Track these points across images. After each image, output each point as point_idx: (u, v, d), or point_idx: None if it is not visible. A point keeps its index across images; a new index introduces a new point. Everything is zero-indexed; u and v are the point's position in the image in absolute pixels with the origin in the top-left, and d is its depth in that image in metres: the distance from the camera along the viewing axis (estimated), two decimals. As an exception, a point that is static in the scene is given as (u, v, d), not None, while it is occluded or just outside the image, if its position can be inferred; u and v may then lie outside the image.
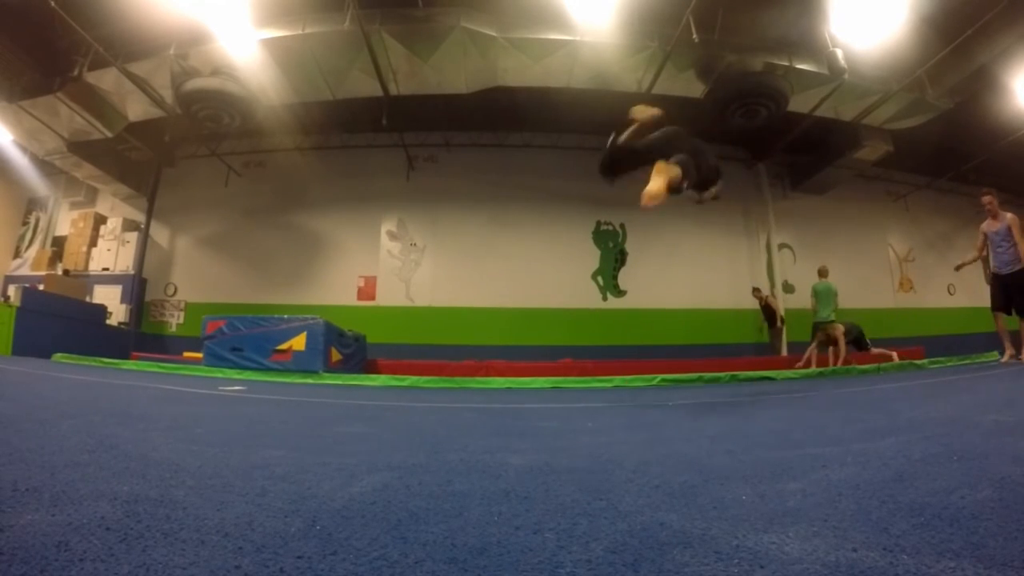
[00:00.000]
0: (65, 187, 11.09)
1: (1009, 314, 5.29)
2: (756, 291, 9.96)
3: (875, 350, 7.49)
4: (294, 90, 7.95)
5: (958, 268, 5.92)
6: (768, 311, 9.72)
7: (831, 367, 6.70)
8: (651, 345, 9.78)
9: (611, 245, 10.82)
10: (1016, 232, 5.20)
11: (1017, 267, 5.17)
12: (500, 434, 1.87)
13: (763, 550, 0.63)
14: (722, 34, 7.15)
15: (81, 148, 9.03)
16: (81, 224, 10.73)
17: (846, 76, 7.24)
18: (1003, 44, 6.92)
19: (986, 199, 5.43)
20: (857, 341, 7.59)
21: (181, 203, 10.95)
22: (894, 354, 7.20)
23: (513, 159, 10.97)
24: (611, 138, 3.35)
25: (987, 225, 5.48)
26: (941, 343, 8.44)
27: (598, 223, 10.88)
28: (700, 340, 9.97)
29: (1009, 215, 5.34)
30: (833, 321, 7.62)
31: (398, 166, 10.89)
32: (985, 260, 5.62)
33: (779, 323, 9.63)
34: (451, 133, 10.92)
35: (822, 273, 8.24)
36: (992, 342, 6.25)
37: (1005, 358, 5.40)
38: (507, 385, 5.68)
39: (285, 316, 7.13)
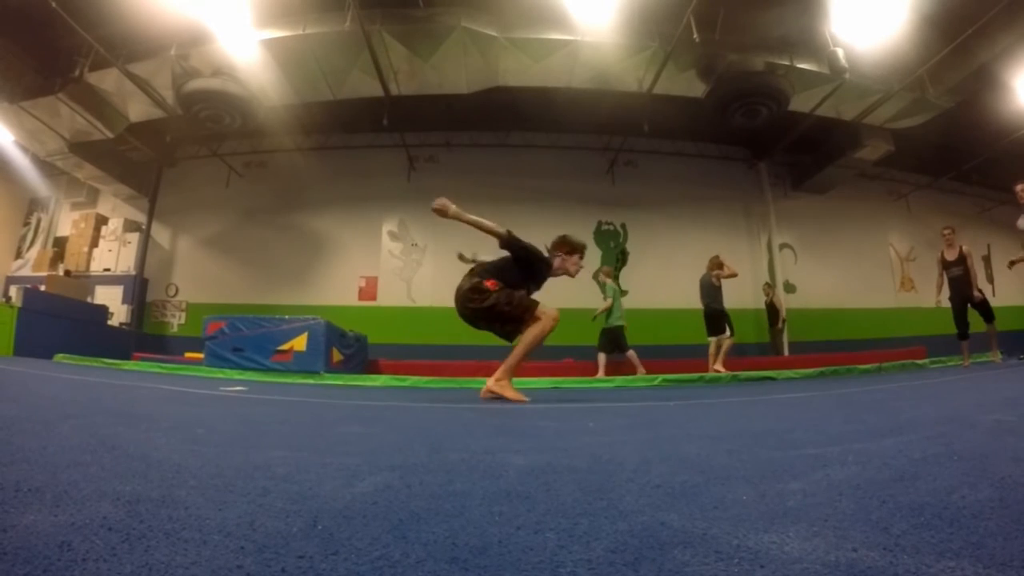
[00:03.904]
0: (66, 188, 11.12)
1: (967, 338, 6.23)
2: (767, 286, 9.85)
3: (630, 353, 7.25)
4: (295, 90, 7.96)
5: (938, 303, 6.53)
6: (772, 309, 9.69)
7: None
8: (653, 345, 9.77)
9: (612, 245, 10.82)
10: (971, 261, 6.22)
11: (971, 290, 6.12)
12: (501, 434, 1.87)
13: (763, 549, 0.63)
14: (723, 34, 7.15)
15: (82, 149, 9.04)
16: (82, 225, 10.75)
17: (847, 75, 7.24)
18: (1004, 43, 6.91)
19: (947, 232, 6.41)
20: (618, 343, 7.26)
21: (182, 204, 10.97)
22: (639, 367, 7.01)
23: (514, 159, 10.97)
24: None
25: (947, 254, 6.35)
26: (942, 343, 8.42)
27: (599, 223, 10.88)
28: (701, 340, 9.93)
29: (964, 246, 6.31)
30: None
31: (399, 166, 10.90)
32: (939, 285, 6.45)
33: (780, 323, 9.58)
34: (452, 133, 10.92)
35: (608, 274, 7.89)
36: (997, 342, 6.58)
37: (966, 364, 6.29)
38: (508, 385, 5.67)
39: (286, 316, 7.14)
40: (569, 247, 3.82)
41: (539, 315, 3.32)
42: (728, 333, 6.93)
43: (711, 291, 7.15)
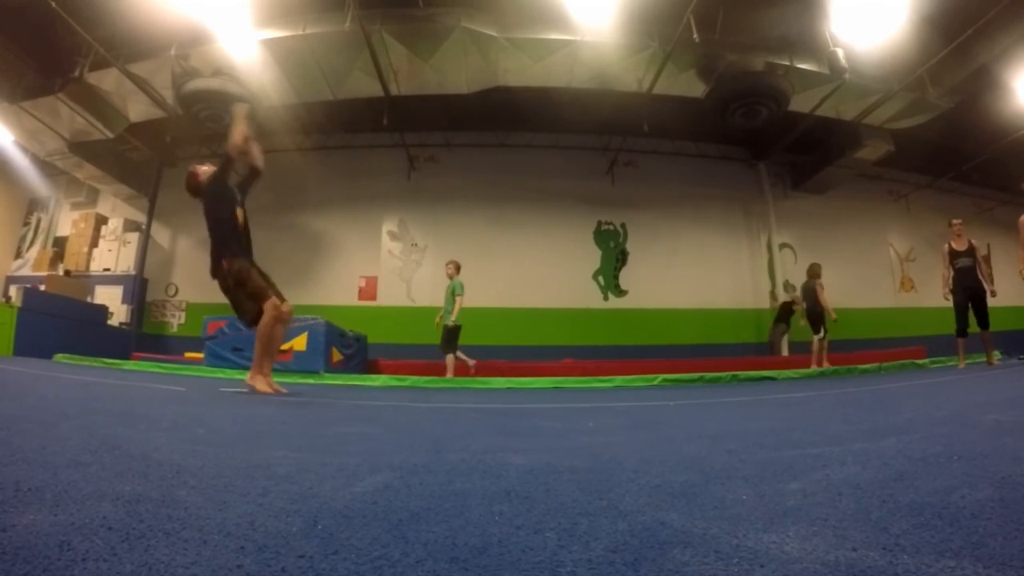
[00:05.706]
0: (66, 188, 11.10)
1: (966, 336, 6.00)
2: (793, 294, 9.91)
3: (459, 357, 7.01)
4: (295, 90, 7.96)
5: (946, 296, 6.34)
6: (786, 311, 9.65)
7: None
8: (652, 345, 9.78)
9: (612, 245, 10.82)
10: (980, 254, 6.12)
11: (979, 284, 5.98)
12: (501, 434, 1.87)
13: (763, 549, 0.63)
14: (723, 34, 7.15)
15: (82, 149, 9.04)
16: (82, 225, 10.74)
17: (847, 76, 7.24)
18: (1003, 44, 6.91)
19: (957, 223, 6.37)
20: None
21: (182, 203, 10.80)
22: (471, 364, 6.91)
23: (514, 159, 10.96)
24: None
25: (956, 244, 6.23)
26: (942, 343, 8.42)
27: (599, 223, 10.88)
28: (701, 340, 9.96)
29: (972, 239, 6.22)
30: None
31: (399, 166, 10.89)
32: (945, 278, 6.30)
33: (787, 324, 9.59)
34: (452, 133, 10.91)
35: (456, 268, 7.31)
36: (997, 342, 6.52)
37: (962, 365, 6.04)
38: (508, 385, 5.69)
39: (286, 316, 7.11)
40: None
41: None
42: (822, 333, 7.47)
43: (814, 296, 7.73)
